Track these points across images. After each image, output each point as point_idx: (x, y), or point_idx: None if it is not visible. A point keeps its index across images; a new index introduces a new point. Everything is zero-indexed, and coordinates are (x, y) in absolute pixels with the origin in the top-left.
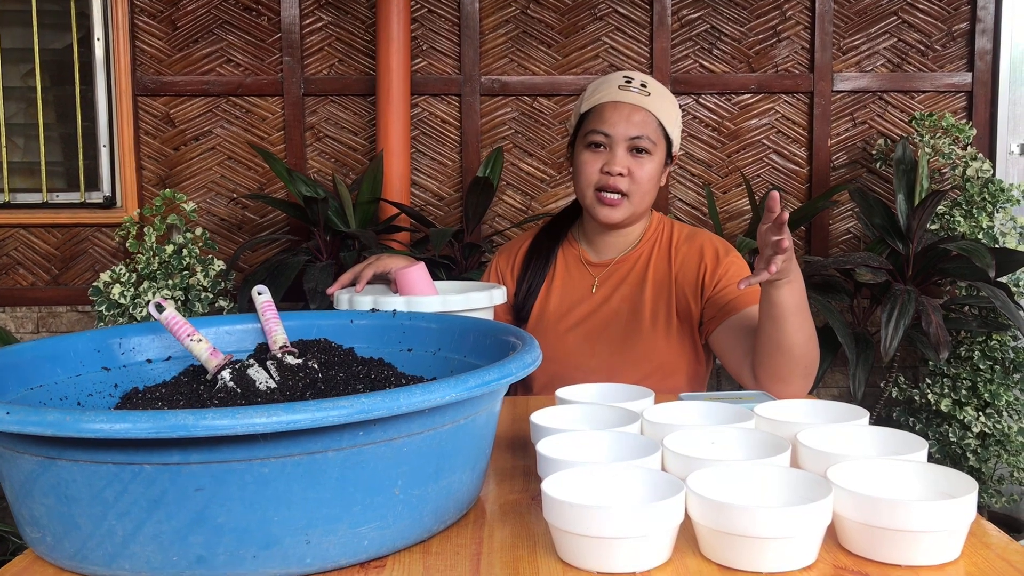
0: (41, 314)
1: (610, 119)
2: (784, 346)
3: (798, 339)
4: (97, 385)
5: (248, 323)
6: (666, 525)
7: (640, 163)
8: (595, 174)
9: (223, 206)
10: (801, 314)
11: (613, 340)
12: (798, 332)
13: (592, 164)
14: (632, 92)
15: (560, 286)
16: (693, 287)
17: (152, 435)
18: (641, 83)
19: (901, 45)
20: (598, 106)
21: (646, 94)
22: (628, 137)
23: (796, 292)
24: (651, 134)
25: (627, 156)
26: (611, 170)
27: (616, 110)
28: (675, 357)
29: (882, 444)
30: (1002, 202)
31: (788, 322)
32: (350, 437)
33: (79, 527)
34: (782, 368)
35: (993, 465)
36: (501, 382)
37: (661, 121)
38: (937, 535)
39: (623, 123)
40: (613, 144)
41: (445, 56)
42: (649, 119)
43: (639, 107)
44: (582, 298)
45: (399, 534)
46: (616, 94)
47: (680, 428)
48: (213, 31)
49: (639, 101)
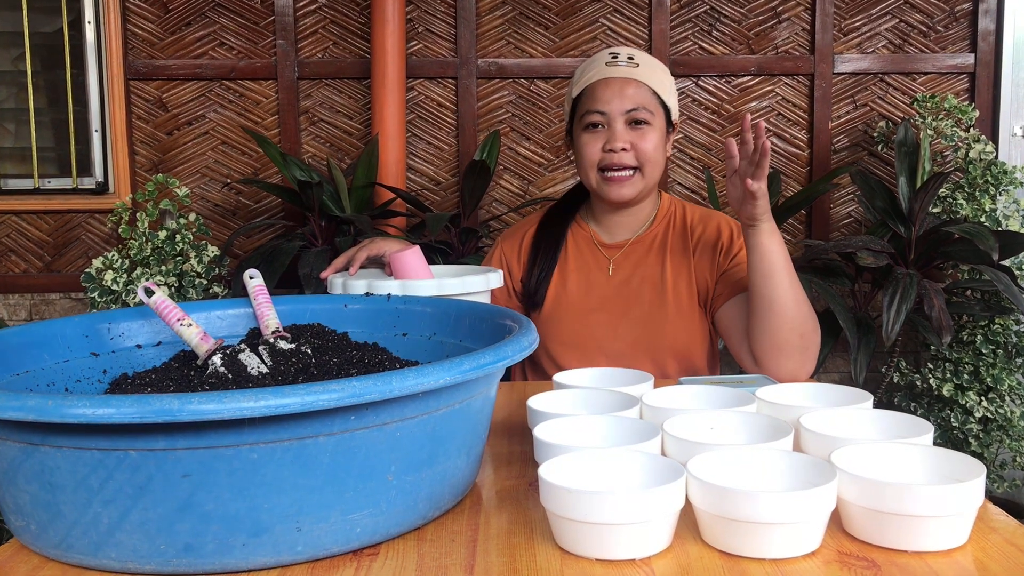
0: (34, 301)
1: (603, 96)
2: (776, 305)
3: (788, 297)
4: (86, 371)
5: (240, 308)
6: (666, 511)
7: (642, 134)
8: (597, 154)
9: (217, 191)
10: (788, 271)
11: (637, 322)
12: (788, 290)
13: (592, 145)
14: (620, 66)
15: (575, 270)
16: (711, 266)
17: (137, 420)
18: (628, 56)
19: (903, 26)
20: (589, 86)
21: (635, 66)
22: (624, 111)
23: (778, 244)
24: (647, 104)
25: (627, 130)
26: (613, 147)
27: (608, 86)
28: (698, 337)
29: (886, 428)
30: (1005, 184)
31: (777, 276)
32: (341, 422)
33: (64, 515)
34: (777, 334)
35: (995, 450)
36: (496, 365)
37: (655, 90)
38: (944, 520)
39: (617, 98)
40: (610, 121)
41: (441, 39)
42: (642, 89)
43: (630, 79)
44: (600, 281)
45: (393, 521)
46: (605, 71)
47: (680, 412)
48: (205, 14)
49: (629, 74)
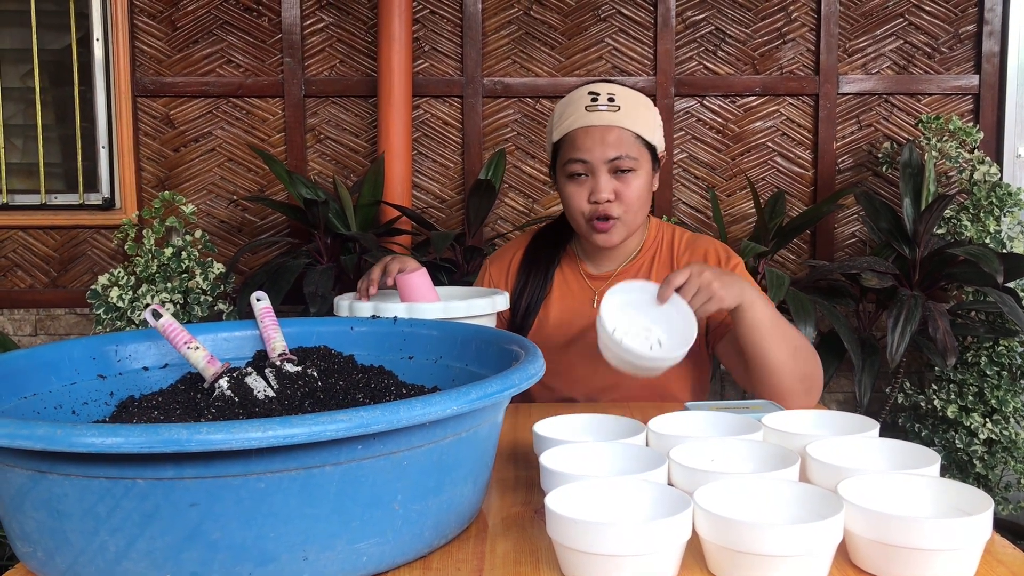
0: (39, 316)
1: (584, 145)
2: (769, 363)
3: (780, 356)
4: (93, 393)
5: (247, 329)
6: (673, 542)
7: (626, 182)
8: (583, 205)
9: (223, 208)
10: (776, 331)
11: None
12: (778, 349)
13: (578, 196)
14: (601, 110)
15: (559, 299)
16: None
17: (145, 450)
18: (608, 96)
19: (907, 47)
20: (569, 134)
21: (615, 108)
22: (607, 159)
23: (759, 313)
24: (630, 151)
25: (611, 179)
26: (598, 198)
27: (588, 135)
28: (680, 368)
29: (893, 457)
30: (1009, 206)
31: (764, 341)
32: (348, 451)
33: (71, 543)
34: (777, 385)
35: (1000, 472)
36: (504, 394)
37: (637, 133)
38: (952, 553)
39: (598, 147)
40: (593, 170)
41: (447, 57)
42: (624, 136)
43: (611, 127)
44: (582, 312)
45: (399, 550)
46: (585, 117)
47: (686, 440)
48: (213, 32)
49: (610, 120)
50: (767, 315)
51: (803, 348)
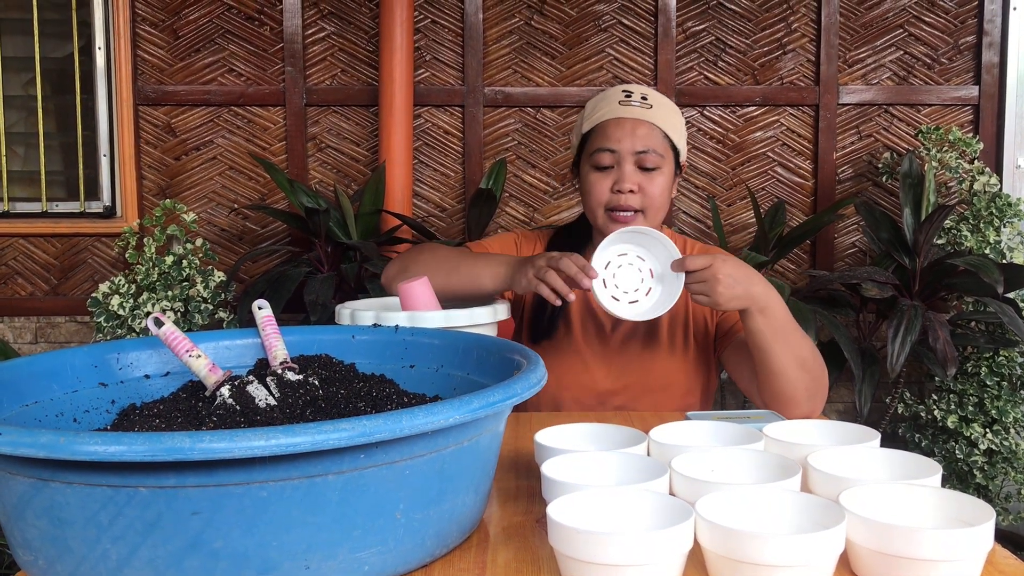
0: (40, 324)
1: (614, 135)
2: (776, 370)
3: (787, 362)
4: (94, 401)
5: (248, 338)
6: (675, 552)
7: (650, 178)
8: (605, 194)
9: (224, 216)
10: (784, 339)
11: (629, 362)
12: (785, 356)
13: (601, 184)
14: (634, 106)
15: (576, 304)
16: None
17: (147, 458)
18: (642, 96)
19: (907, 58)
20: (600, 124)
21: (648, 107)
22: (634, 152)
23: (772, 318)
24: (657, 147)
25: (636, 172)
26: (621, 187)
27: (619, 126)
28: (691, 377)
29: (894, 467)
30: (1009, 216)
31: (772, 348)
32: (351, 460)
33: (72, 551)
34: (782, 391)
35: (1000, 483)
36: (506, 403)
37: (666, 132)
38: (953, 564)
39: (628, 138)
40: (620, 160)
41: (448, 67)
42: (654, 132)
43: (642, 121)
44: (598, 318)
45: (400, 559)
46: (617, 110)
47: (688, 449)
48: (215, 40)
49: (642, 115)
50: (775, 324)
51: (811, 358)
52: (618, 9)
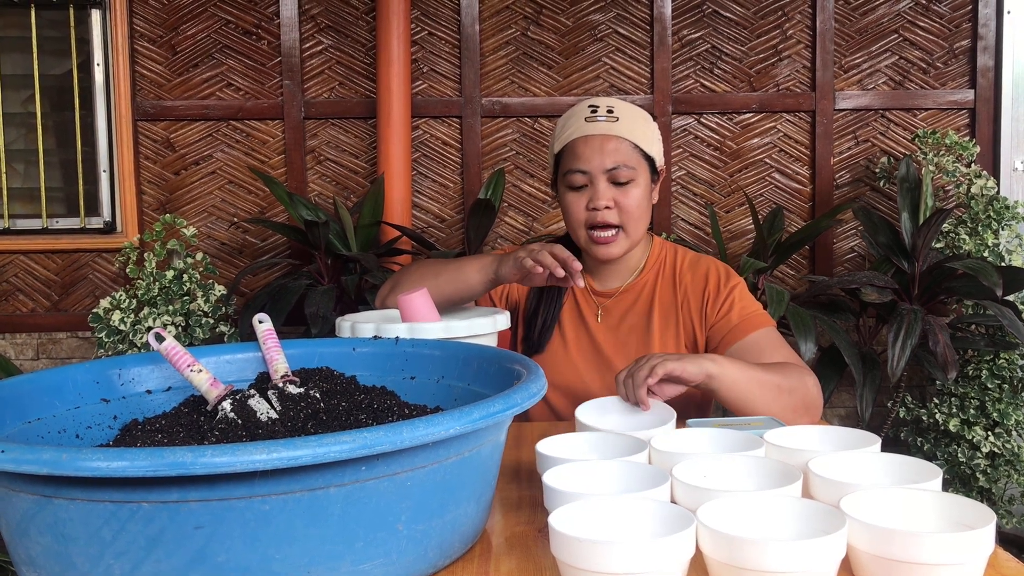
0: (41, 340)
1: (583, 154)
2: (760, 411)
3: (767, 404)
4: (96, 417)
5: (249, 352)
6: (677, 560)
7: (625, 192)
8: (582, 213)
9: (224, 230)
10: (753, 389)
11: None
12: (760, 400)
13: (577, 204)
14: (600, 121)
15: (567, 314)
16: (699, 315)
17: (150, 473)
18: (607, 109)
19: (903, 63)
20: (570, 143)
21: (614, 120)
22: (605, 169)
23: (732, 380)
24: (628, 160)
25: (609, 187)
26: (597, 205)
27: (587, 144)
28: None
29: (895, 472)
30: (1007, 219)
31: (745, 402)
32: (352, 472)
33: (76, 567)
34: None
35: (1003, 485)
36: (506, 413)
37: (636, 143)
38: (955, 568)
39: (597, 156)
40: (593, 179)
41: (445, 78)
42: (622, 145)
43: (610, 136)
44: (588, 327)
45: (403, 570)
46: (584, 127)
47: (689, 457)
48: (213, 55)
49: (608, 129)
50: (746, 381)
51: (787, 385)
52: (614, 18)
